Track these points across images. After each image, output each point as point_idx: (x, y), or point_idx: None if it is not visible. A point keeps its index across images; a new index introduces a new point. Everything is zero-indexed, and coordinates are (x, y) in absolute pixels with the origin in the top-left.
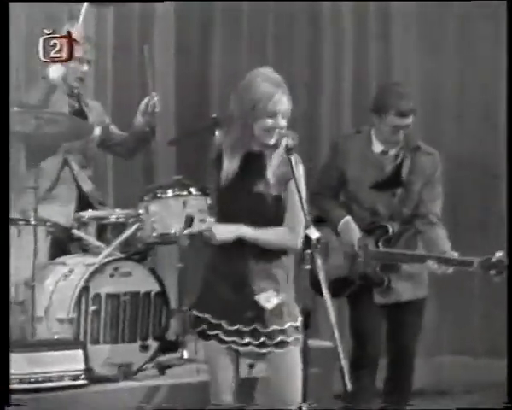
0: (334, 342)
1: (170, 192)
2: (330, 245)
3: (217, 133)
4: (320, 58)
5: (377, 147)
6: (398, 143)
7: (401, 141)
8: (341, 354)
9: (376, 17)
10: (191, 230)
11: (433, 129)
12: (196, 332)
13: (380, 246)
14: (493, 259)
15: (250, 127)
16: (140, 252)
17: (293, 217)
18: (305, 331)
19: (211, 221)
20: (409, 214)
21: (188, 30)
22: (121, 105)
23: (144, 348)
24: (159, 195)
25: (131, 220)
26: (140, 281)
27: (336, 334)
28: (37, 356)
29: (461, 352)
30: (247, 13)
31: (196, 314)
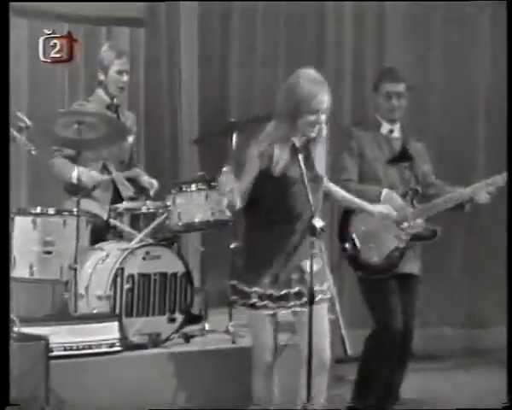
0: (335, 313)
1: (193, 186)
2: (371, 230)
3: (234, 135)
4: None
5: (385, 127)
6: (394, 114)
7: (397, 115)
8: (342, 324)
9: (373, 17)
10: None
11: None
12: (244, 304)
13: (416, 206)
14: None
15: (295, 122)
16: (168, 238)
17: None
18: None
19: None
20: (418, 183)
21: (209, 43)
22: (152, 115)
23: (171, 321)
24: (184, 189)
25: (160, 211)
26: (168, 263)
27: (337, 307)
28: (78, 328)
29: (444, 323)
30: (261, 31)
31: (245, 289)
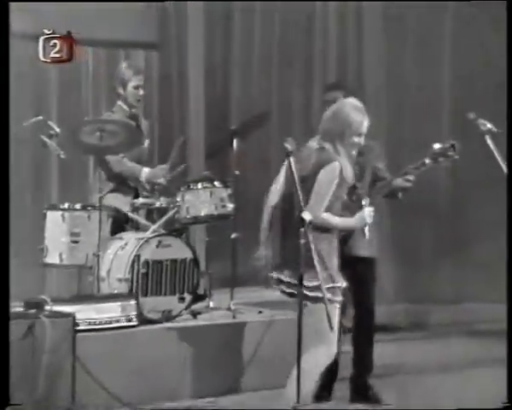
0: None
1: (200, 185)
2: None
3: (235, 141)
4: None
5: None
6: None
7: None
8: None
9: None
10: None
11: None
12: (279, 290)
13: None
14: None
15: (341, 143)
16: (177, 229)
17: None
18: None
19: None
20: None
21: (213, 61)
22: (164, 123)
23: (181, 300)
24: (191, 187)
25: (171, 206)
26: (178, 251)
27: (320, 277)
28: (101, 306)
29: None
30: (258, 51)
31: (279, 277)
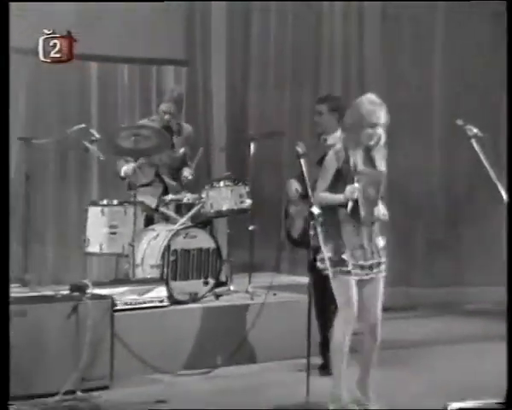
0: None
1: (222, 183)
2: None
3: (252, 145)
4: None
5: (322, 137)
6: (317, 129)
7: (319, 130)
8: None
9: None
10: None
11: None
12: (337, 270)
13: None
14: None
15: (359, 134)
16: (203, 222)
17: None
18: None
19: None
20: None
21: (233, 75)
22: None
23: (206, 284)
24: (214, 185)
25: (197, 202)
26: (203, 241)
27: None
28: (136, 288)
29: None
30: (272, 59)
31: (338, 259)
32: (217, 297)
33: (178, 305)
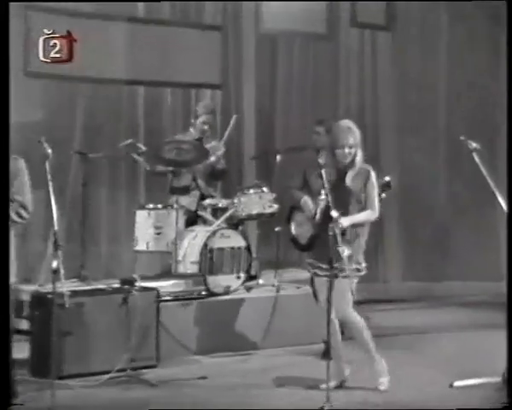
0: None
1: (252, 190)
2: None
3: (278, 157)
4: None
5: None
6: (315, 144)
7: (318, 145)
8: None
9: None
10: None
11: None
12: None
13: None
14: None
15: (334, 153)
16: (235, 224)
17: (372, 203)
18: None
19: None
20: None
21: (262, 97)
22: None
23: (238, 278)
24: (245, 191)
25: (230, 206)
26: (235, 240)
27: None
28: (178, 282)
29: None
30: (296, 82)
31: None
32: (248, 290)
33: (214, 297)
